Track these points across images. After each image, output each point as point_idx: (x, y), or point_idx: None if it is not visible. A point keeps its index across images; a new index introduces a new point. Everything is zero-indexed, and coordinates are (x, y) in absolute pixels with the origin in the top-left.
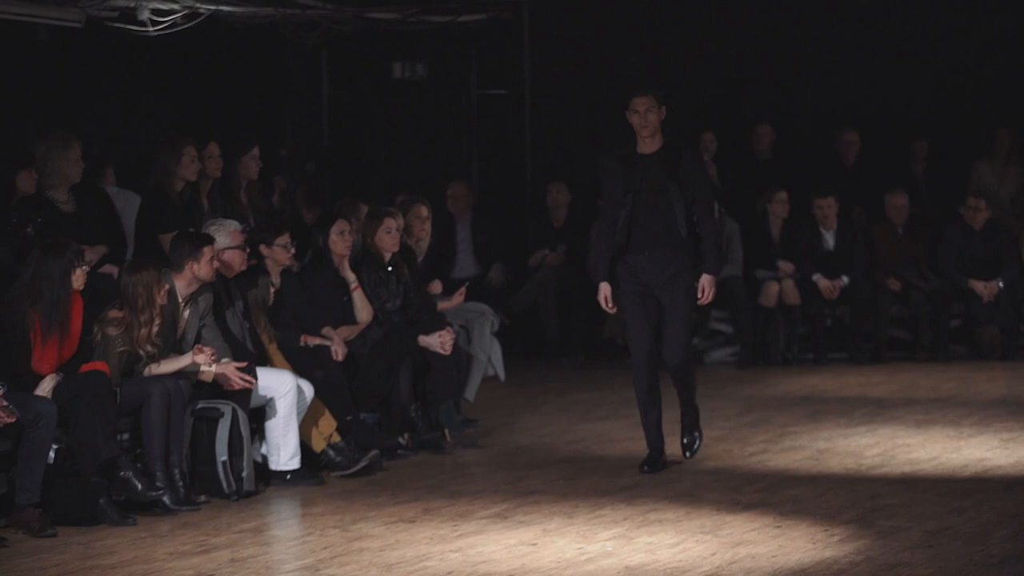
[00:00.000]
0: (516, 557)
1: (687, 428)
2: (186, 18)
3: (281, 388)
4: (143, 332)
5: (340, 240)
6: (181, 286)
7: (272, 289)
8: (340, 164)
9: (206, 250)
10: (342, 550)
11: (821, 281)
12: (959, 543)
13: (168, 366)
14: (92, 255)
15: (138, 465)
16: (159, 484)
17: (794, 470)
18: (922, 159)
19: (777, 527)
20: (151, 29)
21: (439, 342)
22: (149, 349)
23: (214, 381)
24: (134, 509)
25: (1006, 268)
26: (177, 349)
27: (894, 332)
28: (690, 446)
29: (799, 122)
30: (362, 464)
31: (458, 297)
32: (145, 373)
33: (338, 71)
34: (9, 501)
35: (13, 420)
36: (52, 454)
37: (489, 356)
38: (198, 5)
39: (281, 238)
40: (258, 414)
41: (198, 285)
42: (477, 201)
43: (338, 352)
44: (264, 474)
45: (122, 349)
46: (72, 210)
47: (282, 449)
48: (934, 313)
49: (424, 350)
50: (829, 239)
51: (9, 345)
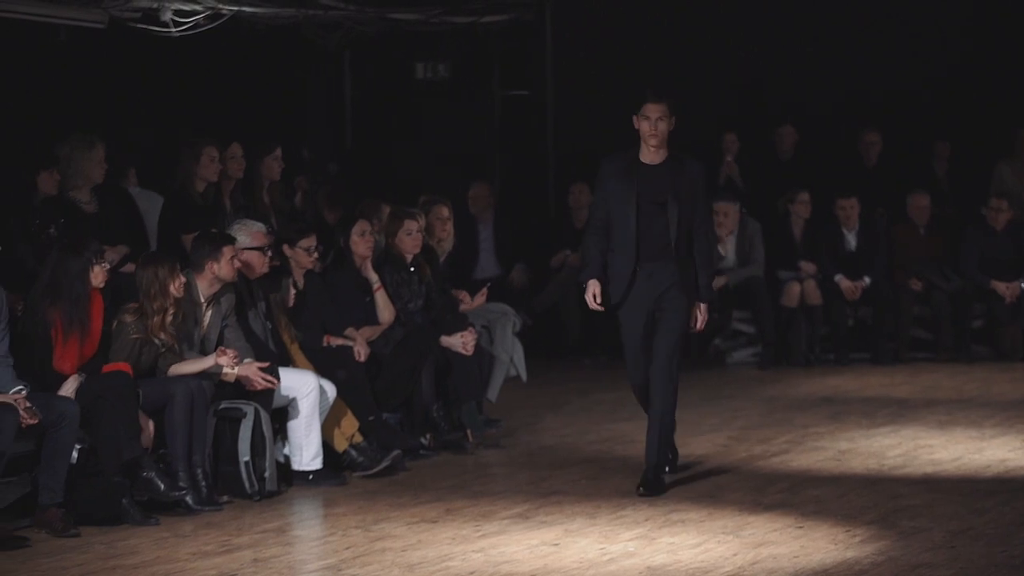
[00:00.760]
0: (538, 557)
1: (649, 449)
2: (208, 19)
3: (303, 388)
4: (156, 320)
5: (361, 241)
6: (203, 286)
7: (293, 291)
8: (362, 165)
9: (226, 250)
10: (364, 550)
11: (843, 282)
12: (981, 544)
13: (191, 367)
14: (114, 255)
15: (161, 465)
16: (182, 484)
17: (816, 471)
18: (944, 160)
19: (799, 527)
20: (173, 30)
21: (461, 342)
22: (163, 337)
23: (237, 381)
24: (157, 509)
25: None
26: (200, 349)
27: (916, 333)
28: (647, 477)
29: (821, 123)
30: (384, 464)
31: (480, 298)
32: (169, 373)
33: (360, 72)
34: (32, 501)
35: (36, 422)
36: (75, 454)
37: (511, 356)
38: (220, 6)
39: (305, 240)
40: (280, 414)
41: (220, 285)
42: (499, 202)
43: (360, 352)
44: (286, 474)
45: (135, 336)
46: (95, 211)
47: (304, 449)
48: (956, 314)
49: (446, 350)
50: (851, 240)
51: (31, 344)
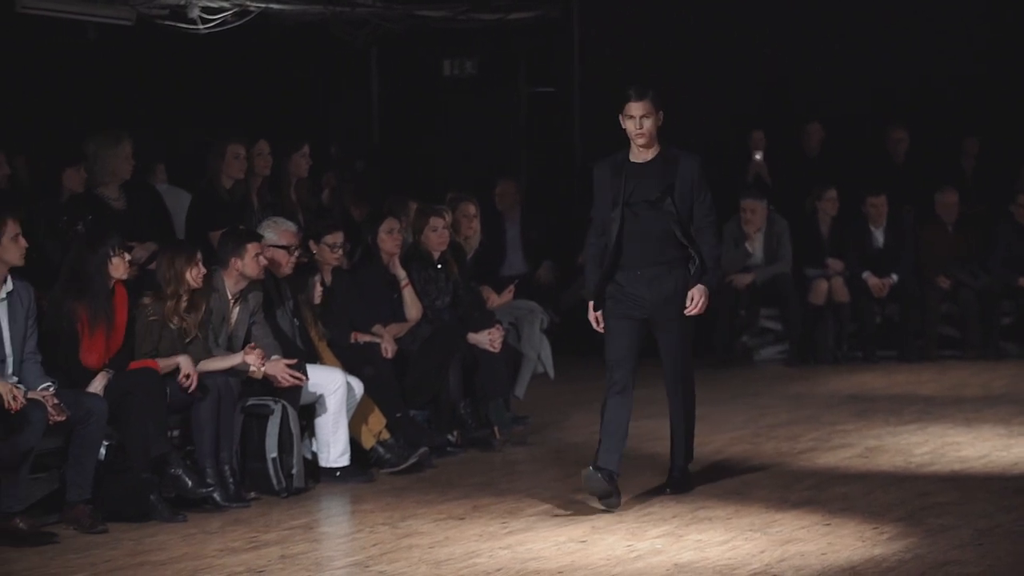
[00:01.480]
0: (565, 554)
1: (676, 458)
2: (236, 16)
3: (331, 385)
4: (170, 305)
5: (389, 239)
6: (230, 283)
7: (321, 288)
8: (389, 162)
9: (250, 247)
10: (391, 547)
11: (870, 279)
12: (1009, 541)
13: (218, 363)
14: (142, 252)
15: (188, 462)
16: (209, 481)
17: (843, 468)
18: (972, 156)
19: (826, 525)
20: (201, 27)
21: (488, 339)
22: (176, 322)
23: (264, 378)
24: (184, 506)
25: None
26: (227, 346)
27: (944, 330)
28: (678, 481)
29: (848, 120)
30: (411, 461)
31: (507, 295)
32: (198, 369)
33: (387, 69)
34: (60, 497)
35: (63, 419)
36: (103, 451)
37: (538, 353)
38: (248, 3)
39: (331, 236)
40: (308, 411)
41: (246, 283)
42: (526, 199)
43: (388, 349)
44: (314, 471)
45: (153, 318)
46: (123, 207)
47: (332, 446)
48: (984, 311)
49: (473, 347)
50: (879, 237)
51: (57, 339)
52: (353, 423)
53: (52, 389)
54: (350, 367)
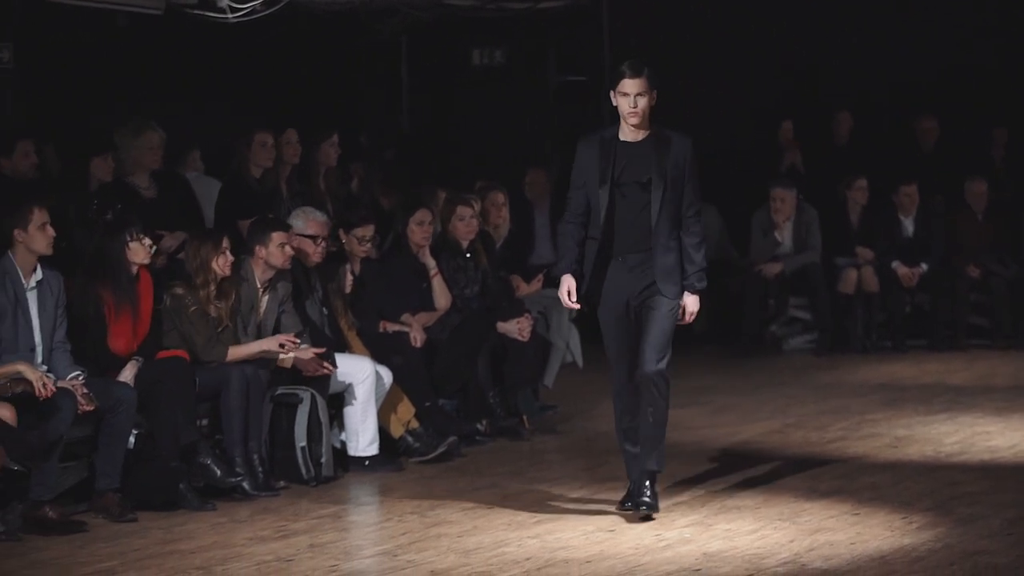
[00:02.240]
0: (594, 543)
1: (644, 456)
2: (265, 5)
3: (360, 374)
4: (203, 294)
5: (419, 230)
6: (258, 272)
7: (350, 277)
8: (418, 151)
9: (275, 236)
10: (420, 536)
11: (900, 268)
12: None
13: (247, 350)
14: (172, 241)
15: (217, 451)
16: (238, 470)
17: (872, 457)
18: (1001, 146)
19: (855, 514)
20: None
21: (517, 328)
22: (213, 311)
23: (293, 367)
24: (213, 494)
25: None
26: (256, 335)
27: (974, 319)
28: (642, 493)
29: (877, 109)
30: (440, 450)
31: (536, 284)
32: (228, 356)
33: (417, 58)
34: (89, 486)
35: (92, 408)
36: (132, 439)
37: (567, 342)
38: None
39: (361, 229)
40: (337, 400)
41: (274, 271)
42: (555, 188)
43: (417, 338)
44: (343, 460)
45: (194, 308)
46: (153, 196)
47: (361, 435)
48: (1014, 300)
49: (502, 336)
50: (908, 226)
51: (85, 325)
52: (382, 412)
53: (81, 378)
54: (379, 356)
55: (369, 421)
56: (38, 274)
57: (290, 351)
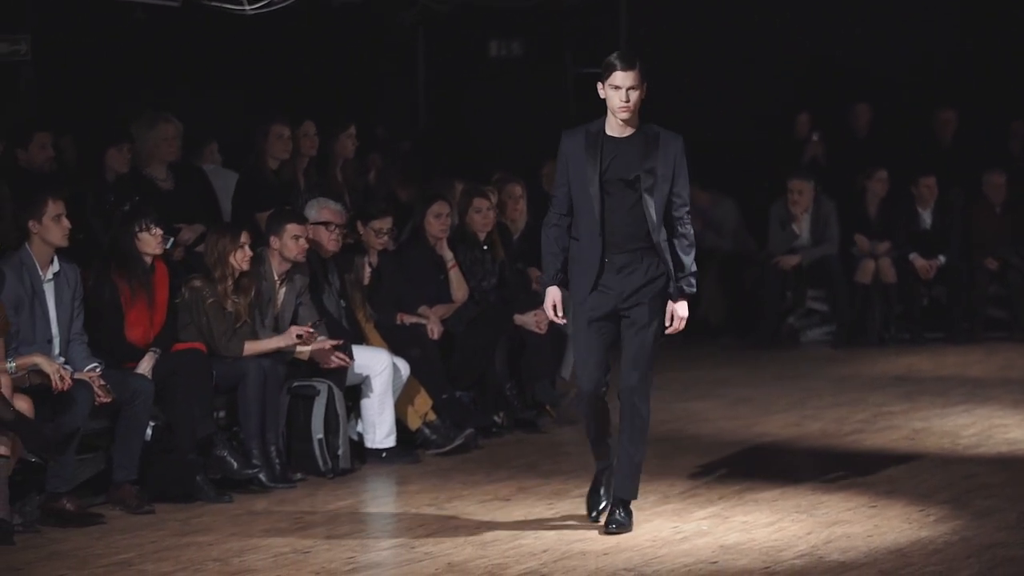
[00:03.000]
0: (611, 535)
1: (619, 482)
2: None
3: (377, 366)
4: (221, 288)
5: (436, 222)
6: (275, 264)
7: (368, 269)
8: (436, 143)
9: (289, 227)
10: (437, 528)
11: (917, 260)
12: None
13: (265, 345)
14: (190, 233)
15: (234, 443)
16: (255, 462)
17: (890, 450)
18: (1020, 138)
19: (873, 507)
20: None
21: (534, 320)
22: (231, 305)
23: (310, 359)
24: (230, 486)
25: None
26: (273, 327)
27: (991, 311)
28: (613, 514)
29: (896, 101)
30: (457, 442)
31: None
32: (245, 351)
33: (434, 50)
34: (107, 478)
35: (109, 400)
36: (149, 431)
37: None
38: None
39: (379, 222)
40: (354, 392)
41: (289, 264)
42: None
43: (434, 331)
44: (360, 452)
45: (211, 300)
46: (171, 188)
47: (378, 427)
48: None
49: (520, 329)
50: (926, 218)
51: (101, 315)
52: (399, 404)
53: (98, 370)
54: (396, 348)
55: (386, 413)
56: (55, 266)
57: (307, 341)
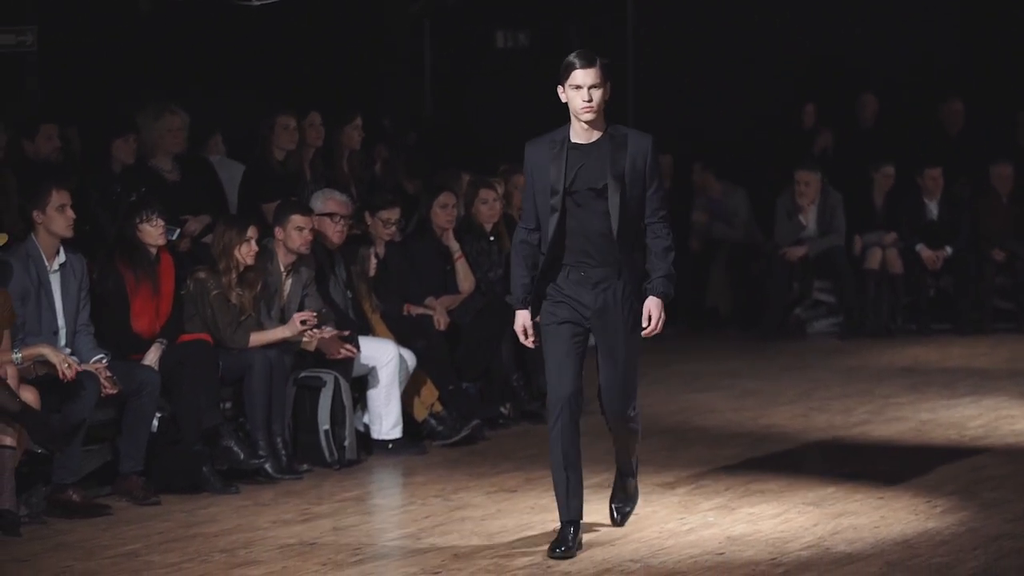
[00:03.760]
0: (618, 527)
1: (619, 489)
2: None
3: (383, 357)
4: (225, 280)
5: (442, 213)
6: (281, 255)
7: (374, 260)
8: (442, 134)
9: (293, 218)
10: (444, 519)
11: (924, 251)
12: None
13: (270, 336)
14: (196, 225)
15: (240, 434)
16: (261, 453)
17: (897, 441)
18: None
19: (879, 498)
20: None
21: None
22: (235, 298)
23: (317, 350)
24: (237, 477)
25: None
26: (279, 319)
27: (998, 303)
28: (621, 510)
29: (902, 92)
30: (464, 433)
31: None
32: (251, 342)
33: (440, 40)
34: (113, 469)
35: (116, 392)
36: (155, 422)
37: None
38: None
39: (386, 212)
40: (360, 383)
41: (294, 256)
42: None
43: (440, 322)
44: (366, 443)
45: (216, 292)
46: (177, 179)
47: (384, 418)
48: None
49: None
50: (932, 209)
51: (107, 305)
52: (405, 395)
53: (105, 361)
54: (403, 339)
55: (392, 404)
56: (61, 257)
57: (311, 327)
